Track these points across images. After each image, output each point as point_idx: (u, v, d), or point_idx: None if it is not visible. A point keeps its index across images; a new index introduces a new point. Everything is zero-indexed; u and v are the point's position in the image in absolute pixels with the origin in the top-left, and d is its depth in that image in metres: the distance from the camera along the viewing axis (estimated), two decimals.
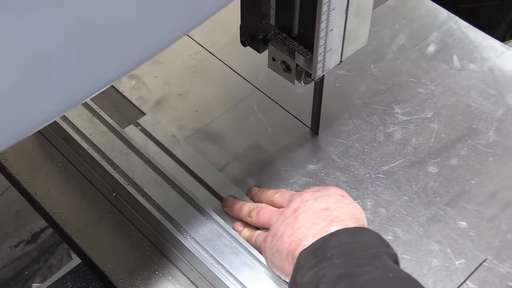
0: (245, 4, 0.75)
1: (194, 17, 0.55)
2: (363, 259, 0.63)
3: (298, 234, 0.70)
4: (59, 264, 1.78)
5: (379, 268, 0.62)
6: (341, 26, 0.73)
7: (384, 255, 0.64)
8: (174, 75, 1.00)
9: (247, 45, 0.79)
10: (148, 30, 0.52)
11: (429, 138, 0.93)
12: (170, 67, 1.01)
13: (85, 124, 0.89)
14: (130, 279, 0.80)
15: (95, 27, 0.48)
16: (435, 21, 1.08)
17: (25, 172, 0.90)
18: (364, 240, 0.66)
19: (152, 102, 0.96)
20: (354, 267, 0.62)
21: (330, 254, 0.64)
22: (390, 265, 0.64)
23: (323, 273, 0.63)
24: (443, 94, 0.98)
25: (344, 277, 0.62)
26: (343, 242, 0.65)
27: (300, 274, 0.65)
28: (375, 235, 0.67)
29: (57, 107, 0.49)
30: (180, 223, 0.79)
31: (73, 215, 0.86)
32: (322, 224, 0.69)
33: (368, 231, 0.68)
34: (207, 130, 0.93)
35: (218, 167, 0.89)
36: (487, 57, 1.03)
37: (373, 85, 0.98)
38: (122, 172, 0.84)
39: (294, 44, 0.75)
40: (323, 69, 0.75)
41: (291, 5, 0.73)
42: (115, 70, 0.52)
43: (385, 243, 0.67)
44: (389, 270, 0.63)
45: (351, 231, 0.67)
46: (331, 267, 0.63)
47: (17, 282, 1.75)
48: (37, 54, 0.45)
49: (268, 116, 0.95)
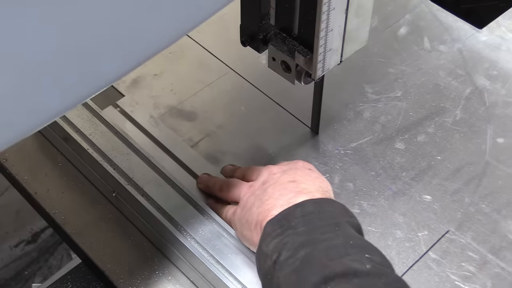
0: (245, 4, 0.75)
1: (194, 17, 0.55)
2: (325, 227, 0.65)
3: (266, 205, 0.71)
4: (59, 264, 1.78)
5: (339, 236, 0.64)
6: (341, 26, 0.73)
7: (346, 224, 0.66)
8: None
9: (247, 45, 0.79)
10: (148, 30, 0.52)
11: (397, 116, 0.95)
12: None
13: (85, 124, 0.89)
14: (130, 279, 0.80)
15: (95, 27, 0.48)
16: (408, 4, 1.10)
17: (25, 172, 0.90)
18: (328, 210, 0.68)
19: (128, 82, 0.98)
20: (316, 235, 0.64)
21: (295, 223, 0.66)
22: (351, 233, 0.65)
23: (287, 241, 0.65)
24: (412, 74, 1.00)
25: (306, 243, 0.64)
26: (307, 212, 0.67)
27: (266, 242, 0.67)
28: (340, 206, 0.69)
29: (57, 107, 0.49)
30: (180, 223, 0.79)
31: (73, 215, 0.86)
32: (289, 195, 0.71)
33: (332, 202, 0.70)
34: (182, 108, 0.96)
35: (191, 143, 0.92)
36: (457, 39, 1.05)
37: (344, 64, 0.98)
38: (122, 172, 0.84)
39: (294, 44, 0.75)
40: (323, 69, 0.75)
41: (291, 5, 0.73)
42: (115, 70, 0.52)
43: (349, 213, 0.69)
44: (350, 237, 0.64)
45: (316, 202, 0.69)
46: (295, 235, 0.65)
47: (17, 282, 1.75)
48: (37, 54, 0.45)
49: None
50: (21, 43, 0.44)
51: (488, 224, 0.85)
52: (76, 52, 0.48)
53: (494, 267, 0.81)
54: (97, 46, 0.49)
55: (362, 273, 0.60)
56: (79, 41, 0.47)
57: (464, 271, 0.81)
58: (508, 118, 0.96)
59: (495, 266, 0.81)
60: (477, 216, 0.85)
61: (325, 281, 0.60)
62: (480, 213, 0.86)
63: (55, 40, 0.46)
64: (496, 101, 0.97)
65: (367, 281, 0.60)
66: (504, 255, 0.82)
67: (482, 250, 0.82)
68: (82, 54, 0.48)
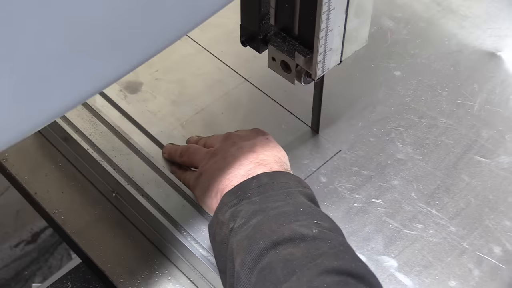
0: (245, 4, 0.75)
1: (194, 17, 0.55)
2: (278, 196, 0.69)
3: (227, 174, 0.74)
4: (59, 264, 1.78)
5: (290, 203, 0.68)
6: (341, 26, 0.73)
7: (298, 194, 0.70)
8: None
9: (247, 45, 0.79)
10: (147, 30, 0.52)
11: None
12: None
13: (85, 124, 0.89)
14: (130, 279, 0.80)
15: (95, 27, 0.48)
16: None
17: (25, 172, 0.90)
18: (281, 182, 0.71)
19: None
20: (268, 203, 0.68)
21: (250, 193, 0.70)
22: (302, 201, 0.69)
23: (241, 209, 0.69)
24: None
25: (259, 211, 0.68)
26: (262, 183, 0.70)
27: (222, 212, 0.70)
28: (294, 178, 0.73)
29: (57, 108, 0.49)
30: (180, 223, 0.79)
31: (73, 215, 0.86)
32: (249, 166, 0.74)
33: (286, 174, 0.73)
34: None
35: None
36: None
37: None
38: (122, 172, 0.84)
39: (294, 44, 0.75)
40: (323, 69, 0.75)
41: (291, 5, 0.73)
42: (115, 70, 0.52)
43: (302, 184, 0.72)
44: (300, 205, 0.68)
45: (271, 174, 0.72)
46: (249, 204, 0.69)
47: (17, 282, 1.75)
48: (37, 54, 0.45)
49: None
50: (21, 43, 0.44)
51: (377, 144, 0.91)
52: (76, 52, 0.47)
53: (379, 181, 0.87)
54: (97, 46, 0.49)
55: (308, 237, 0.64)
56: (79, 41, 0.47)
57: (351, 184, 0.86)
58: (406, 54, 1.02)
59: (379, 180, 0.87)
60: (368, 138, 0.92)
61: (273, 245, 0.63)
62: (371, 135, 0.92)
63: (55, 40, 0.46)
64: (397, 39, 1.04)
65: (313, 245, 0.63)
66: (388, 171, 0.88)
67: (369, 166, 0.89)
68: (82, 54, 0.48)
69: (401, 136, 0.92)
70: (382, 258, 0.80)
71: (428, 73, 1.00)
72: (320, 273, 0.60)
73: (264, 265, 0.63)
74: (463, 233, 0.82)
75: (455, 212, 0.84)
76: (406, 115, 0.95)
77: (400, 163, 0.89)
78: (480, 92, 0.98)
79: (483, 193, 0.86)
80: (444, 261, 0.80)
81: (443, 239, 0.82)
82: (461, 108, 0.96)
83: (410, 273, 0.79)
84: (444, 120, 0.94)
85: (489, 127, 0.93)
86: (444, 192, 0.86)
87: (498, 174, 0.88)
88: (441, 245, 0.81)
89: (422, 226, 0.83)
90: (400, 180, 0.87)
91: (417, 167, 0.89)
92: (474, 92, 0.98)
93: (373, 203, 0.85)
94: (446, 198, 0.86)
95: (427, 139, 0.92)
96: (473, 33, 1.05)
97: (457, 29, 1.06)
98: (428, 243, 0.81)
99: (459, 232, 0.82)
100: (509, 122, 0.94)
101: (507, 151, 0.90)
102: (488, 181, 0.87)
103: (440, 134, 0.93)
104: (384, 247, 0.81)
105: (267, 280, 0.62)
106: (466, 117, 0.95)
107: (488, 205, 0.85)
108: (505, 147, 0.91)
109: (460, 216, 0.84)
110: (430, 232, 0.82)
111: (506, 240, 0.81)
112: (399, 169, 0.89)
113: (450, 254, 0.80)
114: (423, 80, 0.99)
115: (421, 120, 0.94)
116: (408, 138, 0.92)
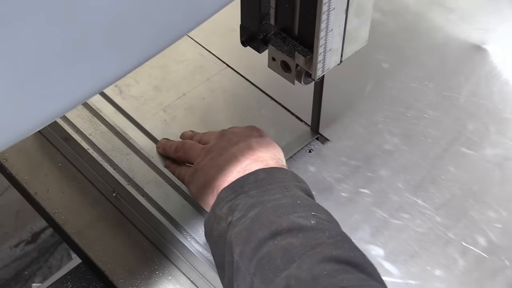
0: (245, 4, 0.75)
1: (194, 17, 0.55)
2: (275, 189, 0.70)
3: (223, 171, 0.75)
4: (59, 264, 1.79)
5: (287, 196, 0.69)
6: (341, 26, 0.73)
7: (295, 187, 0.71)
8: None
9: (247, 45, 0.79)
10: (147, 30, 0.52)
11: None
12: None
13: (85, 124, 0.89)
14: (130, 279, 0.80)
15: (95, 27, 0.48)
16: None
17: (25, 172, 0.90)
18: (278, 177, 0.72)
19: None
20: (266, 196, 0.69)
21: (247, 188, 0.71)
22: (299, 194, 0.70)
23: (239, 203, 0.70)
24: None
25: (256, 204, 0.68)
26: (259, 178, 0.71)
27: (219, 207, 0.71)
28: (290, 173, 0.74)
29: (57, 108, 0.49)
30: (180, 223, 0.79)
31: (73, 215, 0.86)
32: (246, 163, 0.75)
33: (283, 170, 0.74)
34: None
35: None
36: None
37: None
38: (122, 172, 0.84)
39: (294, 44, 0.75)
40: (323, 69, 0.75)
41: (291, 5, 0.73)
42: (115, 71, 0.52)
43: (298, 179, 0.73)
44: (297, 198, 0.69)
45: (268, 170, 0.73)
46: (247, 197, 0.70)
47: (17, 282, 1.75)
48: (37, 54, 0.45)
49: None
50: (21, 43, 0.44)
51: (365, 135, 0.92)
52: (76, 51, 0.48)
53: (366, 171, 0.88)
54: (97, 45, 0.49)
55: (307, 228, 0.64)
56: (79, 41, 0.47)
57: (339, 174, 0.87)
58: (394, 46, 1.03)
59: (367, 170, 0.88)
60: (356, 128, 0.93)
61: (272, 235, 0.64)
62: (359, 126, 0.93)
63: (55, 40, 0.46)
64: (385, 32, 1.05)
65: (311, 235, 0.64)
66: (375, 162, 0.89)
67: (357, 156, 0.89)
68: (82, 54, 0.48)
69: (389, 127, 0.93)
70: (369, 247, 0.81)
71: (415, 65, 1.01)
72: (320, 261, 0.61)
73: (263, 254, 0.63)
74: (448, 224, 0.83)
75: (441, 202, 0.85)
76: (394, 106, 0.95)
77: (387, 154, 0.90)
78: (466, 84, 0.98)
79: (468, 184, 0.87)
80: (429, 250, 0.80)
81: (429, 229, 0.82)
82: (447, 100, 0.96)
83: (396, 262, 0.79)
84: (431, 112, 0.95)
85: (475, 119, 0.94)
86: (430, 183, 0.87)
87: (483, 165, 0.89)
88: (427, 235, 0.82)
89: (408, 216, 0.83)
90: (387, 170, 0.88)
91: (404, 158, 0.89)
92: (460, 84, 0.98)
93: (360, 193, 0.85)
94: (432, 189, 0.86)
95: (413, 131, 0.92)
96: (459, 26, 1.06)
97: (444, 22, 1.07)
98: (414, 233, 0.82)
99: (444, 222, 0.83)
100: (494, 115, 0.95)
101: (492, 143, 0.91)
102: (473, 173, 0.88)
103: (426, 125, 0.93)
104: (371, 236, 0.81)
105: (267, 268, 0.62)
106: (452, 109, 0.95)
107: (473, 196, 0.85)
108: (489, 139, 0.92)
109: (446, 207, 0.84)
110: (416, 222, 0.83)
111: (490, 231, 0.82)
112: (386, 159, 0.89)
113: (436, 244, 0.81)
114: (411, 72, 1.00)
115: (408, 112, 0.95)
116: (395, 129, 0.92)
